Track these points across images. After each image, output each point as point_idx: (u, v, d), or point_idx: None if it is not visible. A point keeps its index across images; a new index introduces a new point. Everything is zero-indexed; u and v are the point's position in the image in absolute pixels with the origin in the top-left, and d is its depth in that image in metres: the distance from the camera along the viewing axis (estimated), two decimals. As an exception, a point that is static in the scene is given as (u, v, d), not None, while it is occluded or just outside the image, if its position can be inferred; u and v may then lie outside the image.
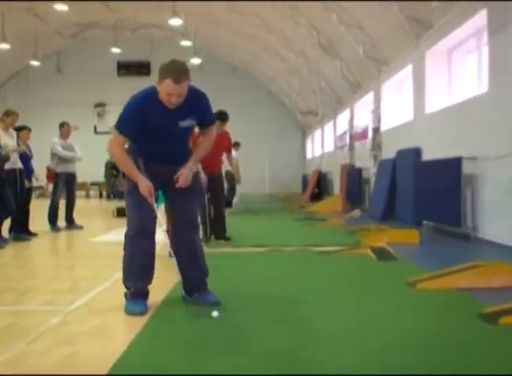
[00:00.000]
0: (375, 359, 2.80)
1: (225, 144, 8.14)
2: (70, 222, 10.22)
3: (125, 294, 3.89)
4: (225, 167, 10.06)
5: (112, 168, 23.30)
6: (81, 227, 10.18)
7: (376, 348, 2.97)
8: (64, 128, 10.10)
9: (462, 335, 3.22)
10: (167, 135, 3.81)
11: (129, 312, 3.73)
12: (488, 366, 2.71)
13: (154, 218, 3.88)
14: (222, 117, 7.88)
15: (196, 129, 4.08)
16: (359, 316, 3.63)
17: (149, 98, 3.72)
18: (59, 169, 9.97)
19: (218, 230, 7.99)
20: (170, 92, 3.59)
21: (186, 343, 3.08)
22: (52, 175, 10.41)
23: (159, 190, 4.06)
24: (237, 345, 3.05)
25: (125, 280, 3.90)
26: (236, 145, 15.10)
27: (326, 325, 3.43)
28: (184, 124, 3.82)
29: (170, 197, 4.05)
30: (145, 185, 3.76)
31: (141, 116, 3.68)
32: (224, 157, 8.43)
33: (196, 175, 4.03)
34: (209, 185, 7.66)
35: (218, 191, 8.04)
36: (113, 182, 23.59)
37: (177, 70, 3.57)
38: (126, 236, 3.89)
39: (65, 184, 10.03)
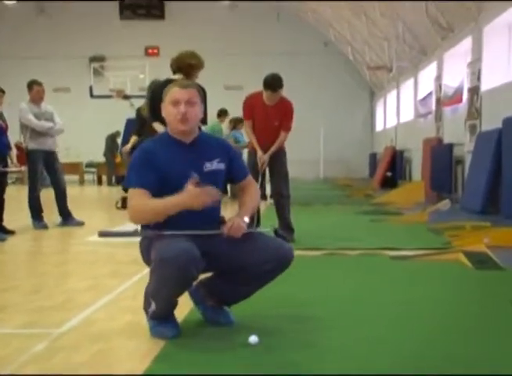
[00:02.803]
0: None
1: (281, 118, 7.85)
2: (66, 217, 10.08)
3: (145, 310, 3.87)
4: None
5: (113, 143, 23.56)
6: (82, 223, 10.04)
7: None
8: (34, 89, 9.82)
9: None
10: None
11: (157, 334, 3.78)
12: None
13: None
14: (274, 84, 7.65)
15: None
16: (447, 348, 3.59)
17: (158, 138, 4.14)
18: (32, 146, 9.71)
19: (281, 226, 7.96)
20: (176, 98, 3.88)
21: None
22: (24, 155, 10.02)
23: None
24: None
25: (149, 300, 3.85)
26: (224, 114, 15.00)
27: (397, 364, 3.40)
28: (210, 167, 3.95)
29: (219, 265, 3.97)
30: (195, 192, 3.70)
31: (152, 159, 3.85)
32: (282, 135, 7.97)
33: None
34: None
35: (275, 177, 8.12)
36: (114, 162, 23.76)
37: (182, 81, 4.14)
38: (155, 269, 3.71)
39: (43, 166, 9.87)
